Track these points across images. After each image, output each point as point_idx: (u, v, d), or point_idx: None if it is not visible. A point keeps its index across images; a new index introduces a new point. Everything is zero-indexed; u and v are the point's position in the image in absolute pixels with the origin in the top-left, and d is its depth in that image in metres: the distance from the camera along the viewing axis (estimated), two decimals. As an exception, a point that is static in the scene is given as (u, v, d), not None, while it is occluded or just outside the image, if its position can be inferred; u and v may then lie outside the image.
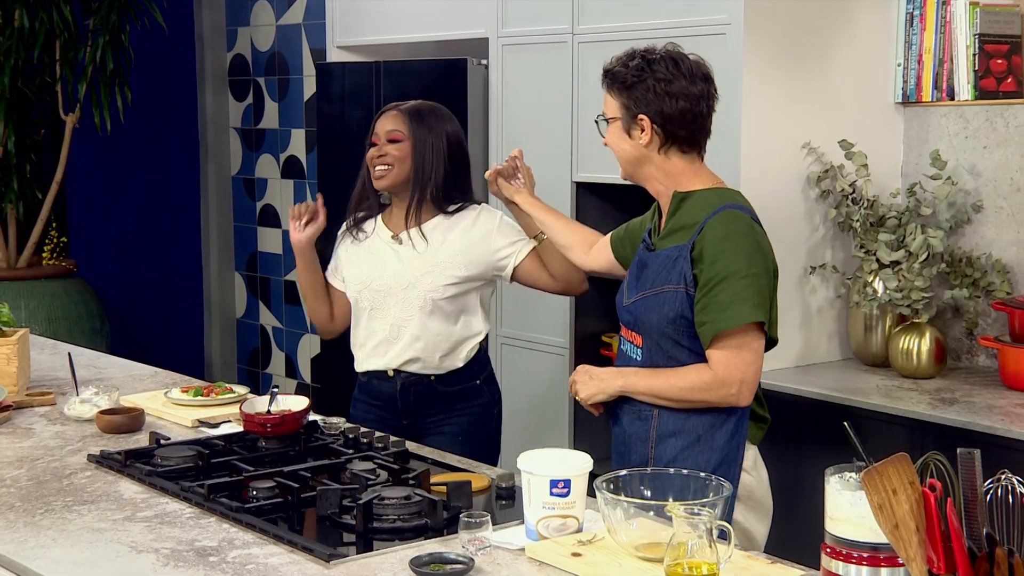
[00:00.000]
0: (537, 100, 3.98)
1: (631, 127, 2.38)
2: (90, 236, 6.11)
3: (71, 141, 5.47)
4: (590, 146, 3.82)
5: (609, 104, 2.42)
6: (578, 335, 3.94)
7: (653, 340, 2.37)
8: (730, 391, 2.29)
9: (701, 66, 2.41)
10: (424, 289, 2.91)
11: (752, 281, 2.27)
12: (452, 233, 2.94)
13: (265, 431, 2.48)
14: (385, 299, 2.94)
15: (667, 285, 2.34)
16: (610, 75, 2.41)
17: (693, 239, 2.32)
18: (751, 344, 2.29)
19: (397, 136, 2.94)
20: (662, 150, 2.38)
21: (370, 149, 2.98)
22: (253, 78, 6.16)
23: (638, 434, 2.40)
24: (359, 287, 2.98)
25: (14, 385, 2.94)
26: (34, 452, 2.52)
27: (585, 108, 3.81)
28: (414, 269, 2.92)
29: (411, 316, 2.92)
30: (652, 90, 2.34)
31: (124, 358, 3.60)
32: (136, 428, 2.69)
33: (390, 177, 2.95)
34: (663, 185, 2.41)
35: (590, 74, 3.80)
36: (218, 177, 6.40)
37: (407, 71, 4.36)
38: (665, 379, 2.34)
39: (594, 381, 2.45)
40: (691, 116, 2.36)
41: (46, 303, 5.35)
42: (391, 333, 2.94)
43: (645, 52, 2.40)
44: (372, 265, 2.98)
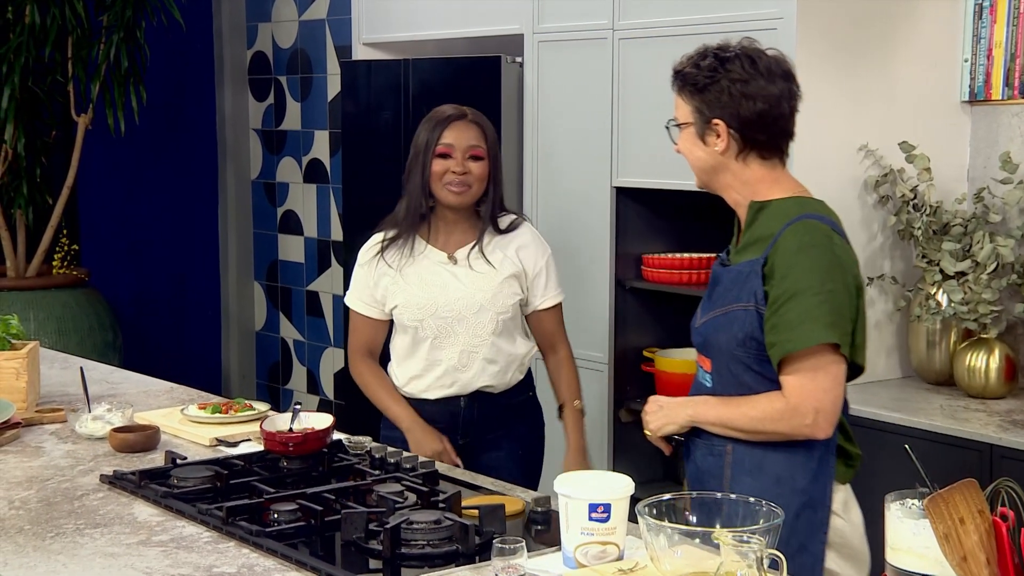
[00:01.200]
0: (575, 100, 3.98)
1: (705, 133, 2.32)
2: (102, 244, 6.17)
3: (83, 143, 5.52)
4: (631, 149, 3.82)
5: (680, 108, 2.36)
6: (618, 350, 3.94)
7: (723, 364, 2.31)
8: (804, 421, 2.21)
9: (781, 62, 2.33)
10: (496, 311, 2.93)
11: (826, 298, 2.19)
12: (509, 251, 2.98)
13: (287, 450, 2.49)
14: (453, 326, 2.93)
15: (737, 303, 2.28)
16: (680, 76, 2.35)
17: (766, 253, 2.25)
18: (828, 368, 2.20)
19: (480, 153, 2.94)
20: (740, 157, 2.31)
21: (436, 160, 2.93)
22: (274, 77, 6.20)
23: (711, 471, 2.33)
24: (420, 315, 2.93)
25: (23, 401, 2.96)
26: (44, 472, 2.54)
27: (626, 109, 3.81)
28: (482, 291, 2.92)
29: (483, 341, 2.93)
30: (727, 92, 2.28)
31: (138, 372, 3.62)
32: (151, 447, 2.70)
33: (469, 196, 2.94)
34: (741, 195, 2.35)
35: (631, 72, 3.80)
36: (237, 181, 6.44)
37: (437, 70, 4.38)
38: (736, 408, 2.28)
39: (663, 411, 2.40)
40: (771, 119, 2.29)
41: (56, 314, 5.39)
42: (460, 360, 2.94)
43: (718, 50, 2.33)
44: (433, 291, 2.94)
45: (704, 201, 3.88)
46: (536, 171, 4.11)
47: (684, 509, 1.97)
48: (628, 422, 3.97)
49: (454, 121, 2.95)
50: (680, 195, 3.85)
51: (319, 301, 6.07)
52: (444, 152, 2.93)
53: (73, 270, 5.64)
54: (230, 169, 6.44)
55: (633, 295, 3.96)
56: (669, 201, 3.95)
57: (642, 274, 3.93)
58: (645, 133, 3.78)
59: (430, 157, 2.93)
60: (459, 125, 2.95)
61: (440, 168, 2.92)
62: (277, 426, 2.56)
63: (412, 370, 3.00)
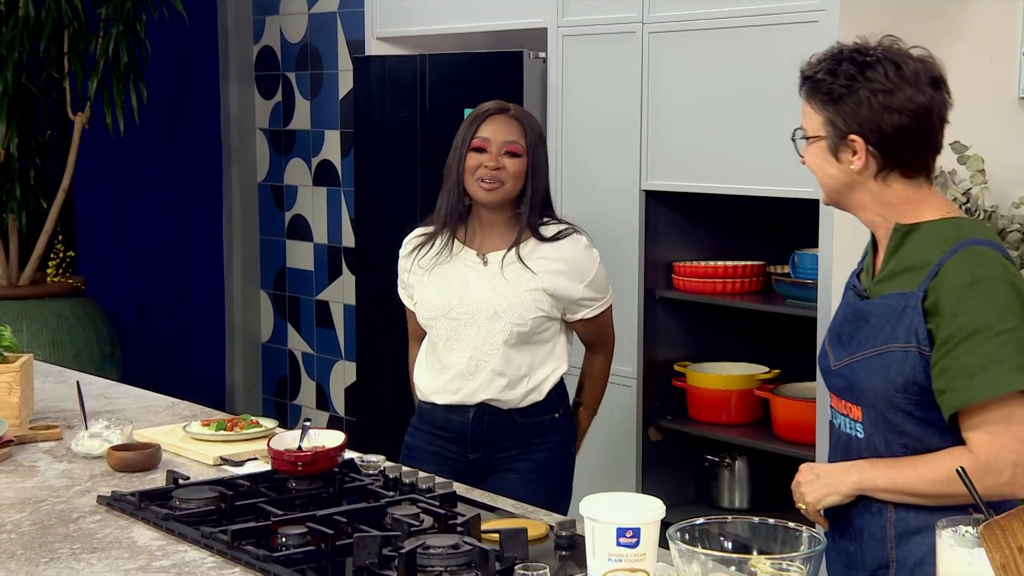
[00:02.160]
0: (602, 98, 3.98)
1: (839, 148, 2.17)
2: (100, 250, 6.19)
3: (80, 144, 5.54)
4: (662, 150, 3.82)
5: (810, 118, 2.20)
6: (647, 364, 3.94)
7: (877, 412, 2.15)
8: (1000, 479, 2.04)
9: (930, 67, 2.18)
10: (511, 321, 2.93)
11: (1011, 337, 2.03)
12: (547, 264, 2.96)
13: (296, 470, 2.49)
14: (465, 329, 2.95)
15: (893, 343, 2.12)
16: (811, 83, 2.19)
17: (926, 285, 2.10)
18: (1021, 416, 2.05)
19: (517, 149, 2.95)
20: (880, 176, 2.16)
21: (470, 154, 2.95)
22: (283, 73, 6.22)
23: (871, 531, 2.19)
24: (435, 313, 2.98)
25: (16, 418, 2.97)
26: (38, 493, 2.55)
27: (656, 107, 3.81)
28: (501, 297, 2.93)
29: (494, 349, 2.94)
30: (867, 104, 2.12)
31: (138, 387, 3.63)
32: (151, 466, 2.71)
33: (501, 193, 2.95)
34: (880, 216, 2.20)
35: (662, 69, 3.80)
36: (243, 184, 6.47)
37: (456, 66, 4.39)
38: (913, 470, 2.11)
39: (822, 480, 2.21)
40: (917, 134, 2.14)
41: (51, 325, 5.42)
42: (468, 367, 2.96)
43: (856, 52, 2.17)
44: (453, 290, 2.97)
45: (739, 206, 3.89)
46: (560, 173, 4.11)
47: (718, 534, 1.96)
48: (658, 440, 3.96)
49: (493, 115, 2.97)
50: (713, 199, 3.85)
51: (329, 311, 6.08)
52: (479, 146, 2.95)
53: (69, 278, 5.66)
54: (235, 171, 6.47)
55: (663, 305, 3.95)
56: (702, 206, 3.94)
57: (673, 283, 3.93)
58: (677, 133, 3.78)
59: (465, 151, 2.95)
60: (498, 119, 2.97)
61: (474, 163, 2.95)
62: (285, 444, 2.57)
63: (425, 368, 3.05)
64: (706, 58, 3.70)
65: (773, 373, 3.91)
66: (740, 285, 3.86)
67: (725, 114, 3.66)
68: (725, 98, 3.66)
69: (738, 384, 3.87)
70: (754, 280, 3.89)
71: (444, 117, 4.36)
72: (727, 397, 3.86)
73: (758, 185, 3.60)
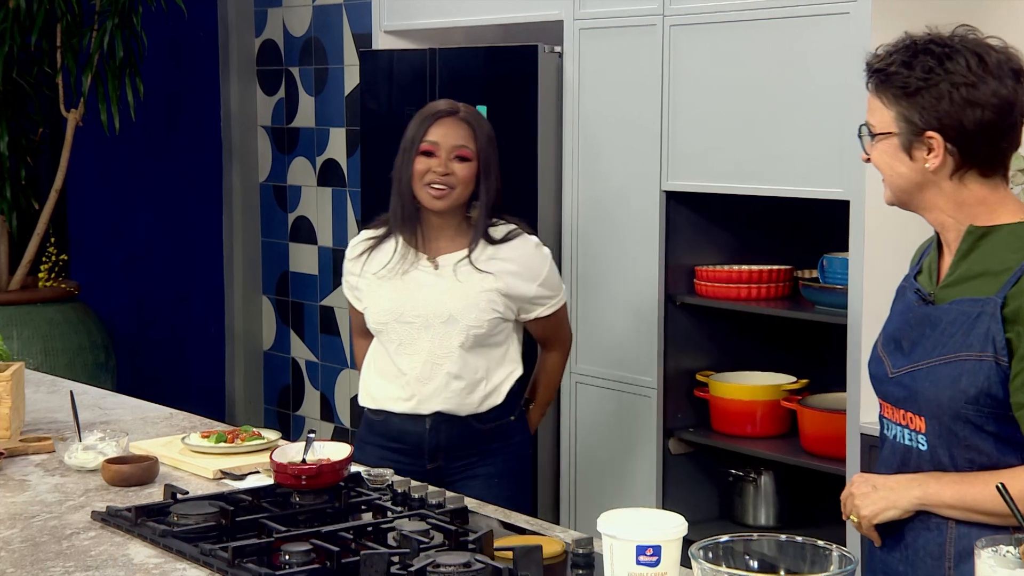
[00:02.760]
0: (620, 95, 3.98)
1: (913, 145, 2.13)
2: (94, 253, 6.21)
3: (73, 142, 5.56)
4: (683, 149, 3.82)
5: (879, 113, 2.17)
6: (668, 373, 3.93)
7: (943, 425, 2.12)
8: None
9: (1011, 57, 2.12)
10: (467, 323, 3.01)
11: None
12: (499, 265, 3.04)
13: (300, 484, 2.50)
14: (419, 333, 3.03)
15: (966, 352, 2.09)
16: (882, 76, 2.15)
17: (1005, 291, 2.06)
18: None
19: (467, 154, 3.03)
20: (956, 175, 2.13)
21: (419, 158, 3.03)
22: (285, 68, 6.24)
23: (928, 548, 2.17)
24: (387, 318, 3.06)
25: (6, 429, 2.99)
26: (29, 508, 2.56)
27: (677, 104, 3.81)
28: (456, 300, 3.01)
29: (449, 352, 3.02)
30: (947, 98, 2.08)
31: (134, 397, 3.64)
32: (148, 480, 2.72)
33: (450, 199, 3.03)
34: (952, 217, 2.16)
35: (684, 64, 3.80)
36: (244, 184, 6.48)
37: (467, 60, 4.39)
38: (984, 486, 2.06)
39: (880, 493, 2.18)
40: (999, 130, 2.09)
41: (42, 332, 5.43)
42: (423, 372, 3.04)
43: (931, 43, 2.12)
44: (405, 294, 3.05)
45: (764, 208, 3.89)
46: (576, 173, 4.11)
47: (743, 553, 1.96)
48: (679, 453, 3.96)
49: (442, 118, 3.04)
50: (737, 200, 3.85)
51: (334, 317, 6.08)
52: (428, 150, 3.03)
53: (61, 283, 5.68)
54: (236, 171, 6.48)
55: (685, 312, 3.95)
56: (725, 207, 3.94)
57: (695, 288, 3.93)
58: (699, 131, 3.78)
59: (413, 155, 3.03)
60: (447, 122, 3.04)
61: (422, 167, 3.02)
62: (288, 457, 2.57)
63: (375, 377, 3.12)
64: (730, 52, 3.69)
65: (801, 383, 3.90)
66: (766, 291, 3.85)
67: (750, 111, 3.66)
68: (750, 94, 3.66)
69: (763, 395, 3.86)
70: (780, 285, 3.88)
71: (455, 114, 4.37)
72: (752, 408, 3.85)
73: (785, 185, 3.59)
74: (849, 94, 3.36)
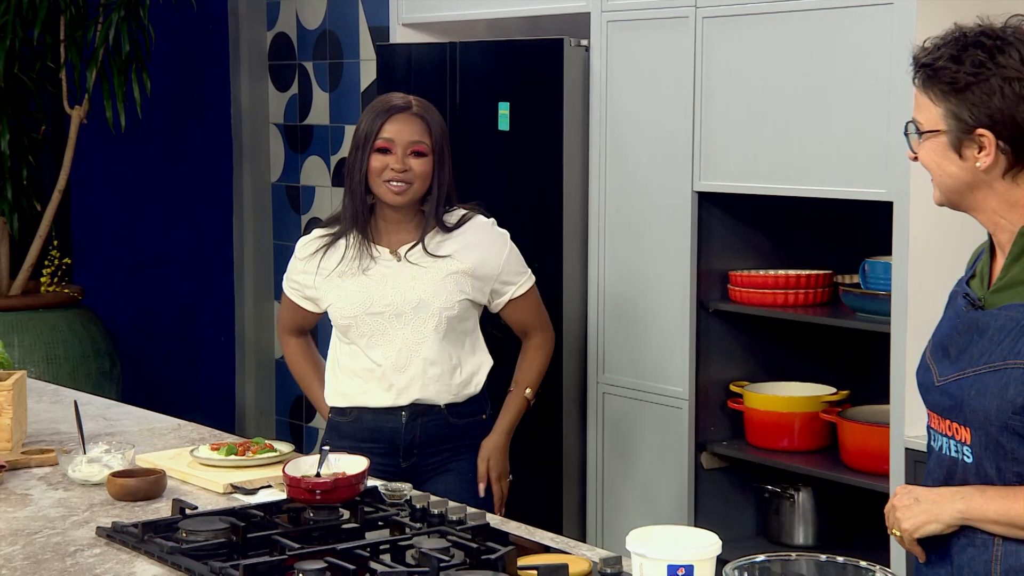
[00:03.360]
0: (650, 91, 3.98)
1: (963, 143, 2.12)
2: (99, 257, 6.23)
3: (77, 140, 5.57)
4: (716, 148, 3.81)
5: (927, 110, 2.15)
6: (700, 384, 3.93)
7: (989, 436, 2.10)
8: None
9: None
10: (439, 306, 3.15)
11: None
12: (457, 247, 3.18)
13: (314, 499, 2.50)
14: (390, 322, 3.15)
15: (1014, 360, 2.08)
16: (929, 71, 2.13)
17: None
18: None
19: (423, 149, 3.16)
20: (1008, 174, 2.11)
21: (375, 155, 3.14)
22: (299, 63, 6.25)
23: (973, 566, 2.15)
24: (354, 311, 3.17)
25: (8, 441, 3.00)
26: (31, 524, 2.57)
27: (711, 101, 3.81)
28: (425, 285, 3.15)
29: (424, 338, 3.16)
30: (999, 93, 2.07)
31: (140, 407, 3.66)
32: (156, 494, 2.73)
33: (409, 195, 3.16)
34: (1004, 218, 2.15)
35: (718, 58, 3.80)
36: (255, 185, 6.50)
37: (489, 55, 4.40)
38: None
39: (922, 506, 2.17)
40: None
41: (44, 339, 5.45)
42: (399, 360, 3.15)
43: (982, 35, 2.11)
44: (372, 286, 3.16)
45: (802, 209, 3.88)
46: (603, 173, 4.12)
47: (781, 573, 1.96)
48: (712, 468, 3.95)
49: (396, 114, 3.16)
50: (773, 202, 3.84)
51: (349, 325, 6.09)
52: (384, 147, 3.15)
53: (64, 288, 5.69)
54: (247, 170, 6.50)
55: (718, 319, 3.95)
56: (760, 209, 3.93)
57: (728, 294, 3.92)
58: (733, 129, 3.77)
59: (368, 152, 3.14)
60: (402, 118, 3.16)
61: (379, 164, 3.15)
62: (302, 470, 2.58)
63: (343, 376, 3.22)
64: (767, 46, 3.69)
65: (841, 394, 3.89)
66: (804, 297, 3.85)
67: (787, 107, 3.65)
68: (787, 89, 3.65)
69: (801, 406, 3.85)
70: (819, 291, 3.87)
71: (476, 111, 4.37)
72: (789, 421, 3.85)
73: (824, 186, 3.59)
74: (893, 89, 3.35)
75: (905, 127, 2.22)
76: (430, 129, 3.16)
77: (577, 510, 4.25)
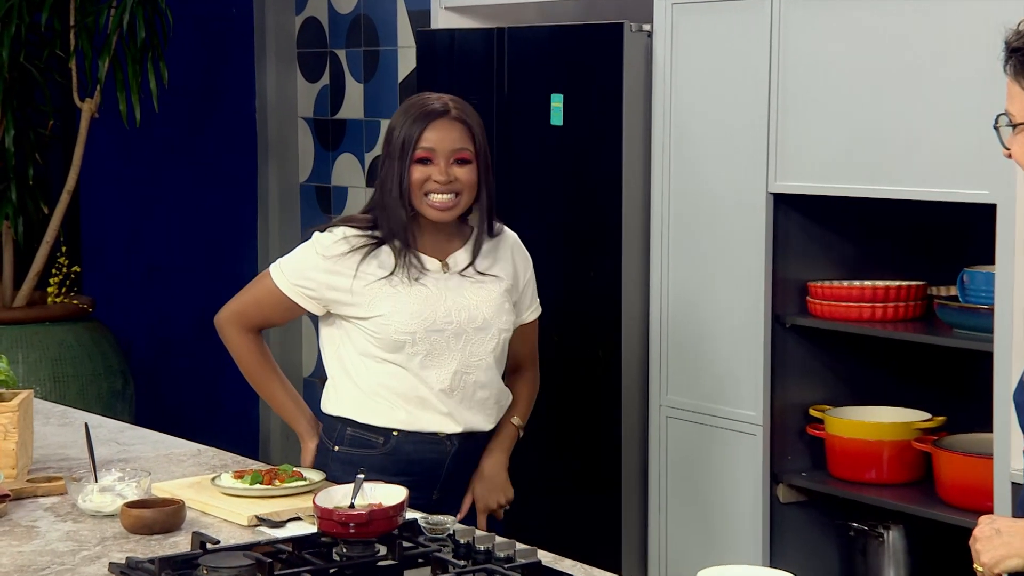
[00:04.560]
0: (720, 80, 3.97)
1: None
2: (111, 265, 6.27)
3: (88, 136, 5.61)
4: (794, 144, 3.80)
5: (1019, 100, 2.18)
6: (776, 408, 3.91)
7: None
8: None
9: None
10: (500, 327, 3.18)
11: None
12: (495, 261, 3.22)
13: (347, 532, 2.50)
14: (448, 342, 3.14)
15: None
16: (1021, 56, 2.16)
17: None
18: None
19: (466, 156, 3.13)
20: None
21: (414, 167, 3.10)
22: (330, 50, 6.27)
23: None
24: (414, 328, 3.12)
25: (13, 467, 3.01)
26: (37, 559, 2.58)
27: (788, 91, 3.79)
28: (487, 304, 3.17)
29: (480, 360, 3.17)
30: None
31: (156, 431, 3.67)
32: (174, 527, 2.74)
33: (457, 209, 3.14)
34: None
35: (796, 43, 3.78)
36: (282, 185, 6.52)
37: (540, 41, 4.40)
38: None
39: (1002, 538, 2.17)
40: None
41: (51, 355, 5.48)
42: (452, 383, 3.15)
43: None
44: (432, 301, 3.14)
45: (892, 213, 3.85)
46: (667, 170, 4.11)
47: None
48: (790, 502, 3.93)
49: (435, 120, 3.12)
50: (859, 204, 3.82)
51: (385, 340, 6.10)
52: (424, 157, 3.11)
53: (73, 298, 5.72)
54: (273, 169, 6.52)
55: (796, 335, 3.93)
56: (844, 212, 3.91)
57: (808, 307, 3.91)
58: (814, 123, 3.76)
59: (408, 163, 3.10)
60: (441, 124, 3.12)
61: (421, 176, 3.11)
62: (335, 501, 2.58)
63: (388, 397, 3.16)
64: (852, 30, 3.67)
65: (936, 421, 3.85)
66: (893, 311, 3.82)
67: (875, 99, 3.63)
68: (876, 79, 3.63)
69: (891, 434, 3.83)
70: (911, 305, 3.85)
71: (527, 104, 4.38)
72: (877, 450, 3.82)
73: (917, 186, 3.56)
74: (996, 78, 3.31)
75: (996, 119, 2.21)
76: (472, 134, 3.15)
77: (638, 547, 4.24)
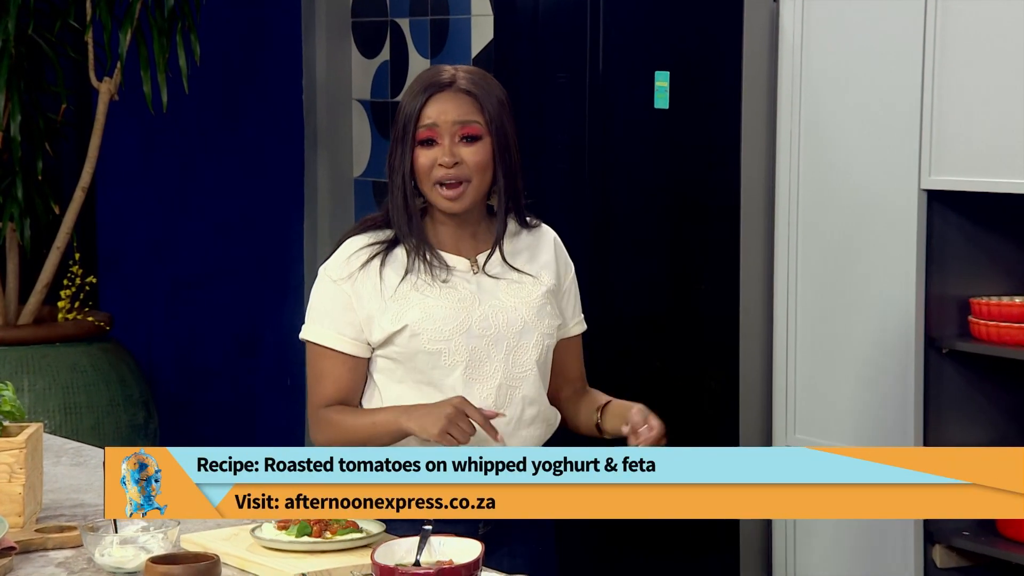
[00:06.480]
0: (862, 58, 3.96)
1: None
2: (131, 276, 6.31)
3: (107, 123, 5.63)
4: (952, 134, 3.79)
5: None
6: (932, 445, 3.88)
7: None
8: None
9: None
10: (542, 332, 3.18)
11: None
12: (532, 257, 3.23)
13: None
14: (488, 351, 3.13)
15: None
16: None
17: None
18: None
19: (473, 131, 3.11)
20: None
21: (418, 149, 3.11)
22: (391, 20, 6.28)
23: None
24: (448, 333, 3.12)
25: (19, 515, 3.02)
26: (48, 622, 2.60)
27: (945, 73, 3.79)
28: (525, 306, 3.17)
29: (525, 372, 3.17)
30: None
31: (186, 472, 3.69)
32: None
33: (468, 197, 3.12)
34: None
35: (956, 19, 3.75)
36: (333, 180, 6.54)
37: (643, 9, 4.39)
38: None
39: None
40: None
41: (62, 381, 5.50)
42: (498, 398, 3.14)
43: None
44: (466, 303, 3.14)
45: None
46: (796, 160, 4.09)
47: None
48: (951, 568, 3.89)
49: (437, 92, 3.11)
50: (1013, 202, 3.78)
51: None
52: (427, 137, 3.10)
53: (88, 315, 5.74)
54: (323, 161, 6.54)
55: (955, 362, 3.91)
56: (1012, 213, 3.88)
57: (970, 329, 3.89)
58: (975, 110, 3.75)
59: (410, 145, 3.11)
60: (443, 97, 3.11)
61: (426, 161, 3.10)
62: (396, 557, 2.58)
63: None
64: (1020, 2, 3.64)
65: None
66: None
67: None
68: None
69: (1071, 483, 3.78)
70: (1097, 326, 3.81)
71: (626, 84, 4.38)
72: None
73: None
74: None
75: None
76: (482, 105, 3.12)
77: (762, 615, 4.24)
